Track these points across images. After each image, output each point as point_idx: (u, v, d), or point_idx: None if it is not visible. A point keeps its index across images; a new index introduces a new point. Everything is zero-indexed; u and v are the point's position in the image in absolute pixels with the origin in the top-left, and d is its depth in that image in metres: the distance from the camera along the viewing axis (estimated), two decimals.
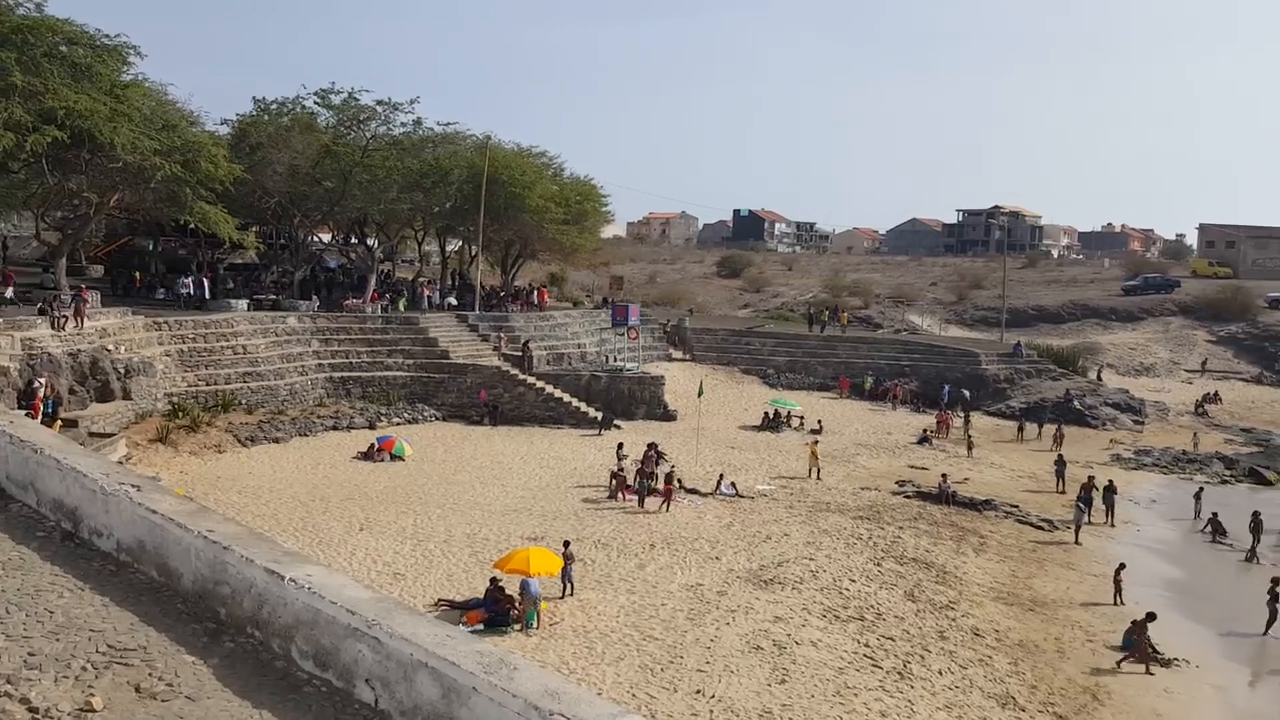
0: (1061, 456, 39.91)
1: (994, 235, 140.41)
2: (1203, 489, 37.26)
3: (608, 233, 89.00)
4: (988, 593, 25.26)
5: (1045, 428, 48.02)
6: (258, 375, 39.29)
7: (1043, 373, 57.66)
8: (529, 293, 60.78)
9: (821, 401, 53.10)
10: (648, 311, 64.21)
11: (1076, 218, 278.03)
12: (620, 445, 35.82)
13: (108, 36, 33.99)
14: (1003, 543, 30.23)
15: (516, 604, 20.30)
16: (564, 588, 21.94)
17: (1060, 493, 36.70)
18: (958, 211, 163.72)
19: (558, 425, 42.82)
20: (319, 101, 47.75)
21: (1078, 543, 30.76)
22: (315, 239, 55.78)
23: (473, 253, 60.36)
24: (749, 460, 38.68)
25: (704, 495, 32.26)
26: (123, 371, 31.93)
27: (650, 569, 24.40)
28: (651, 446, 35.58)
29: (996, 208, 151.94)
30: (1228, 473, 43.67)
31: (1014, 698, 19.01)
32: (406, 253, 72.84)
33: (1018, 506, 34.33)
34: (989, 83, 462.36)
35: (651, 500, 30.48)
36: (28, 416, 19.50)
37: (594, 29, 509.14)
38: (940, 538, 29.66)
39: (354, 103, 47.78)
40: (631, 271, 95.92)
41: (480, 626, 19.55)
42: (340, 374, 42.91)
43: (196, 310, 41.49)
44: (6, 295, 35.06)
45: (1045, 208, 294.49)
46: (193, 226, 42.07)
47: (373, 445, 35.21)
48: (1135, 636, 21.30)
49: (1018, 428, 48.30)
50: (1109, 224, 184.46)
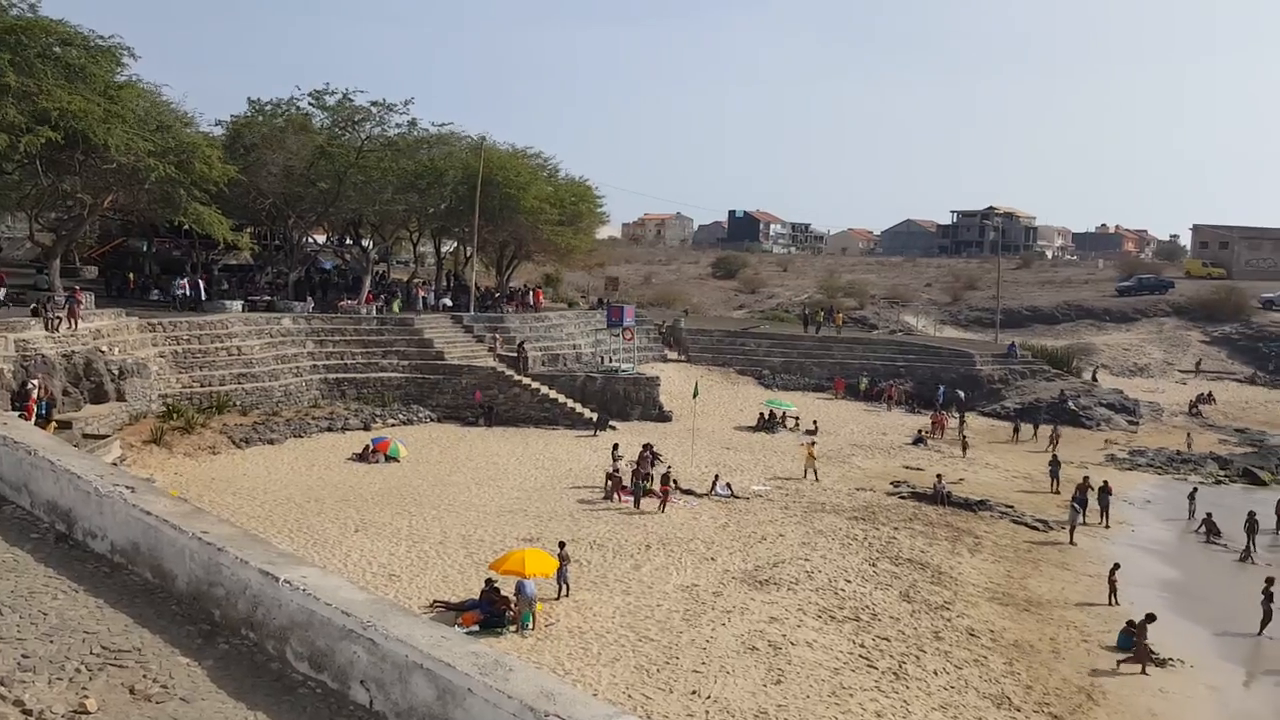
0: (1056, 457, 39.98)
1: (988, 236, 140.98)
2: (1197, 489, 37.38)
3: (603, 234, 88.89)
4: (983, 593, 25.30)
5: (1041, 428, 48.12)
6: (252, 376, 39.23)
7: (1037, 373, 57.82)
8: (524, 294, 60.71)
9: (817, 402, 53.14)
10: (643, 312, 64.22)
11: (1071, 219, 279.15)
12: (615, 446, 35.82)
13: (102, 38, 33.91)
14: (998, 543, 30.28)
15: (512, 605, 20.29)
16: (559, 589, 21.95)
17: (1055, 493, 36.76)
18: (952, 212, 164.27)
19: (553, 426, 42.81)
20: (313, 102, 47.70)
21: (1072, 543, 30.82)
22: (310, 240, 55.71)
23: (468, 254, 60.32)
24: (744, 461, 38.70)
25: (699, 496, 32.26)
26: (117, 373, 31.86)
27: (646, 570, 24.40)
28: (647, 447, 35.60)
29: (991, 209, 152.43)
30: (1222, 473, 43.76)
31: (1009, 698, 19.04)
32: (401, 254, 72.82)
33: (1013, 507, 34.38)
34: (984, 84, 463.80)
35: (647, 501, 30.49)
36: (21, 418, 19.44)
37: (589, 30, 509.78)
38: (935, 538, 29.69)
39: (348, 104, 47.72)
40: (627, 272, 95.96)
41: (475, 628, 19.55)
42: (335, 375, 42.86)
43: (191, 312, 41.41)
44: None
45: (1039, 209, 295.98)
46: (187, 227, 41.97)
47: (368, 446, 35.18)
48: (1136, 637, 21.33)
49: (1013, 428, 48.36)
50: (1103, 225, 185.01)
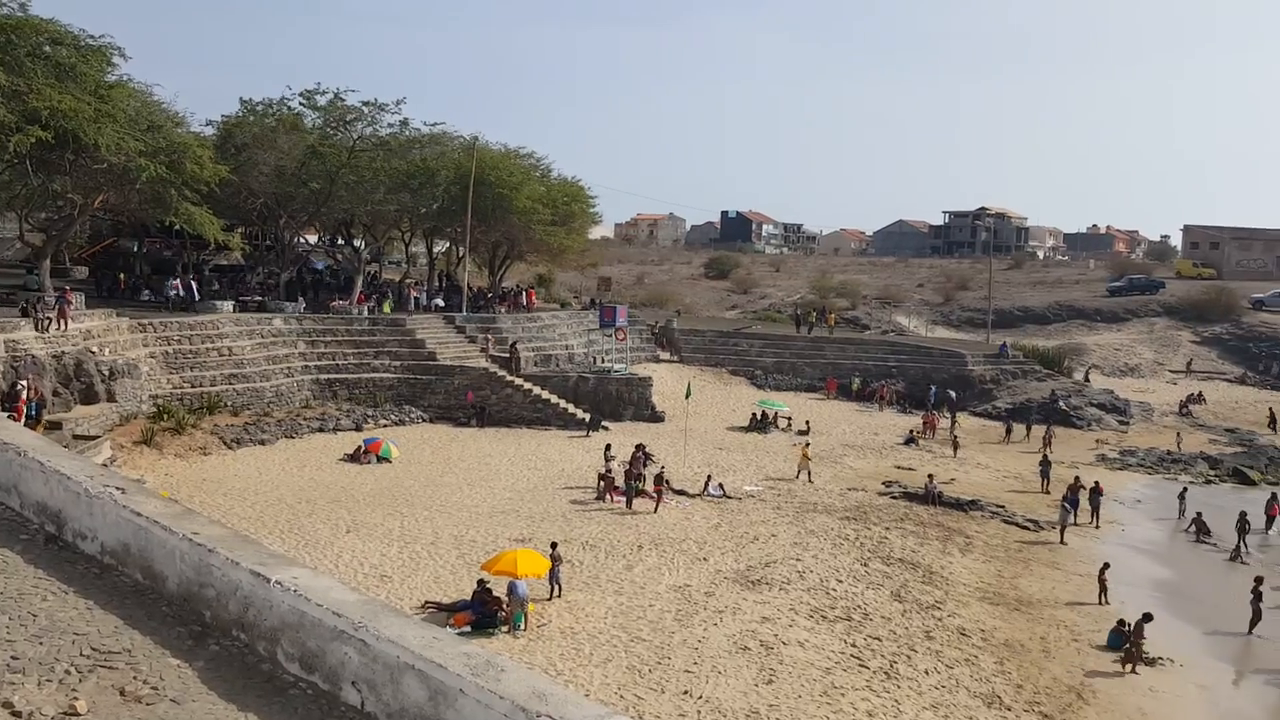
0: (1046, 457, 40.11)
1: (980, 237, 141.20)
2: (1187, 489, 37.53)
3: (595, 234, 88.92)
4: (974, 593, 25.37)
5: (1034, 429, 48.22)
6: (243, 377, 39.11)
7: (1028, 373, 58.00)
8: (516, 294, 60.66)
9: (809, 402, 53.21)
10: (635, 313, 64.15)
11: (1062, 219, 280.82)
12: (608, 446, 35.77)
13: (92, 37, 33.80)
14: (989, 543, 30.36)
15: (504, 606, 20.28)
16: (551, 589, 21.94)
17: (1045, 493, 36.88)
18: (944, 213, 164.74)
19: (545, 427, 42.79)
20: (304, 102, 47.58)
21: (1063, 543, 30.92)
22: (301, 240, 55.56)
23: (460, 254, 60.24)
24: (736, 461, 38.73)
25: (692, 496, 32.28)
26: (107, 373, 31.73)
27: (638, 570, 24.41)
28: (639, 448, 35.59)
29: (983, 209, 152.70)
30: (1212, 472, 43.96)
31: (1000, 697, 19.10)
32: (394, 254, 72.64)
33: (1003, 507, 34.49)
34: (975, 85, 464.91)
35: (640, 501, 30.49)
36: (11, 419, 19.36)
37: (582, 31, 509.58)
38: (926, 538, 29.77)
39: (340, 103, 47.62)
40: (619, 273, 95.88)
41: (467, 628, 19.53)
42: (327, 376, 42.76)
43: (183, 312, 41.28)
44: None
45: (1031, 209, 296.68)
46: (178, 228, 41.85)
47: (359, 447, 35.12)
48: (1132, 635, 21.36)
49: (1005, 429, 48.48)
50: (1094, 225, 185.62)
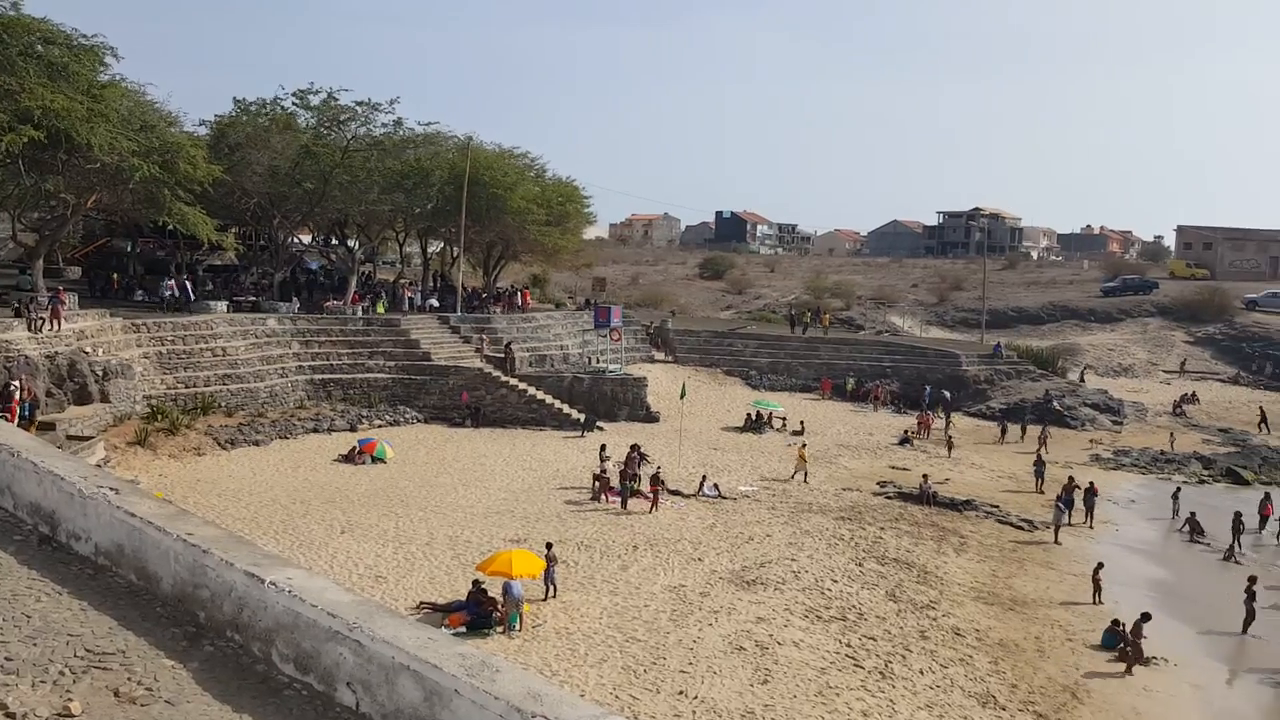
0: (1041, 457, 40.19)
1: (974, 237, 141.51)
2: (1180, 489, 37.64)
3: (590, 234, 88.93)
4: (968, 592, 25.41)
5: (1029, 429, 48.29)
6: (237, 377, 39.04)
7: (1022, 374, 58.14)
8: (511, 294, 60.64)
9: (804, 403, 53.26)
10: (630, 313, 64.21)
11: (1056, 219, 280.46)
12: (603, 447, 35.78)
13: (84, 36, 33.67)
14: (983, 543, 30.42)
15: (499, 606, 20.26)
16: (546, 589, 21.93)
17: (1039, 493, 36.96)
18: (938, 213, 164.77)
19: (540, 427, 42.77)
20: (297, 102, 47.45)
21: (1057, 542, 30.99)
22: (295, 240, 55.45)
23: (454, 254, 60.17)
24: (731, 461, 38.75)
25: (686, 496, 32.29)
26: (101, 374, 31.65)
27: (633, 570, 24.40)
28: (634, 448, 35.56)
29: (976, 210, 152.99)
30: (1205, 472, 44.08)
31: (994, 696, 19.13)
32: (388, 254, 72.56)
33: (998, 507, 34.54)
34: (969, 85, 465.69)
35: (635, 502, 30.49)
36: (3, 419, 19.32)
37: (576, 31, 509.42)
38: (921, 538, 29.81)
39: (333, 103, 47.51)
40: (614, 273, 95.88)
41: (462, 629, 19.51)
42: (321, 376, 42.69)
43: (177, 312, 41.18)
44: None
45: (1025, 209, 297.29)
46: (171, 228, 41.74)
47: (354, 448, 35.07)
48: (1131, 635, 21.38)
49: (1000, 429, 48.56)
50: (1088, 226, 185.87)
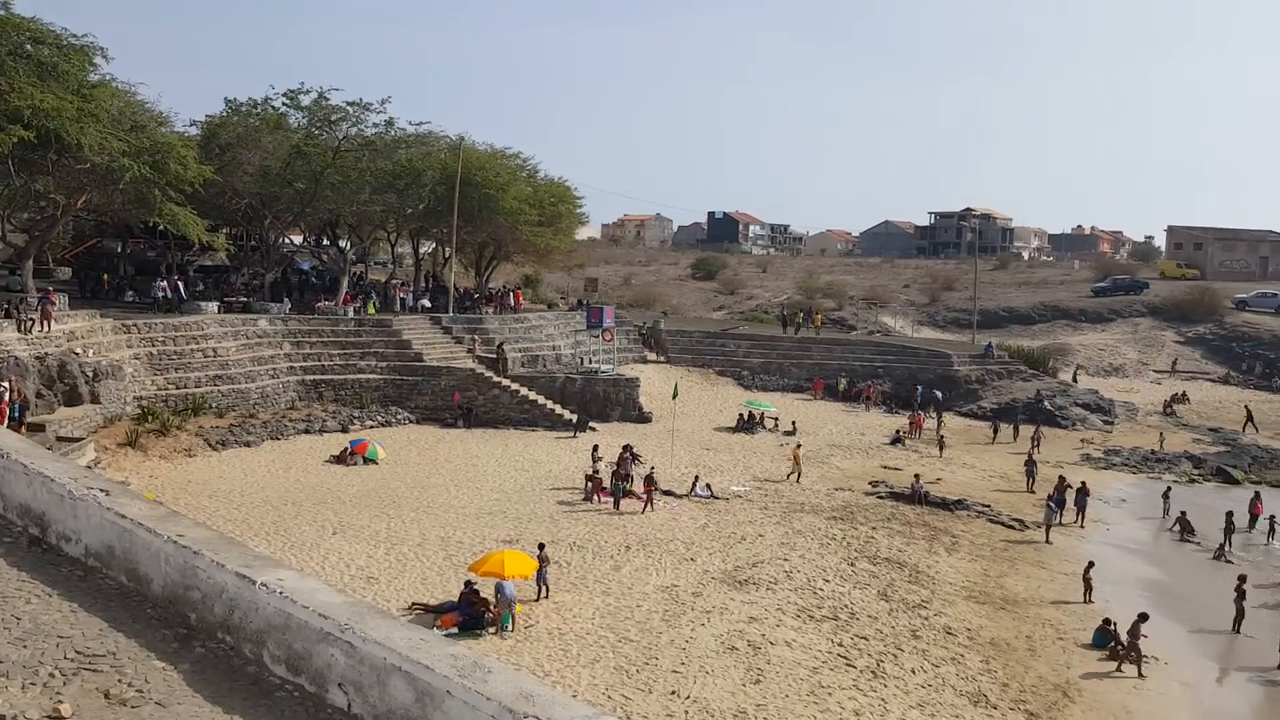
0: (1032, 457, 40.30)
1: (965, 237, 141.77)
2: (1171, 488, 37.77)
3: (582, 235, 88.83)
4: (960, 592, 25.47)
5: (1021, 429, 48.36)
6: (228, 378, 38.93)
7: (1014, 373, 58.29)
8: (503, 295, 60.59)
9: (796, 403, 53.31)
10: (622, 313, 64.16)
11: (1047, 220, 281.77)
12: (595, 447, 35.79)
13: (74, 36, 33.58)
14: (974, 542, 30.49)
15: (491, 607, 20.25)
16: (539, 590, 21.92)
17: (1030, 492, 37.06)
18: (930, 214, 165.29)
19: (532, 427, 42.74)
20: (288, 102, 47.33)
21: (1048, 542, 31.07)
22: (286, 241, 55.33)
23: (446, 255, 60.10)
24: (724, 462, 38.78)
25: (679, 497, 32.31)
26: (91, 375, 31.53)
27: (625, 571, 24.40)
28: (626, 449, 35.55)
29: (968, 210, 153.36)
30: (1196, 472, 44.26)
31: (986, 695, 19.18)
32: (379, 254, 72.45)
33: (989, 506, 34.63)
34: (961, 85, 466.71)
35: (627, 502, 30.49)
36: None
37: (569, 32, 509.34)
38: (913, 537, 29.87)
39: (324, 103, 47.39)
40: (606, 274, 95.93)
41: (455, 630, 19.49)
42: (312, 377, 42.59)
43: (168, 313, 41.04)
44: None
45: (1016, 210, 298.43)
46: (162, 228, 41.62)
47: (346, 449, 35.00)
48: (1130, 636, 21.44)
49: (992, 429, 48.65)
50: (1079, 226, 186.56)
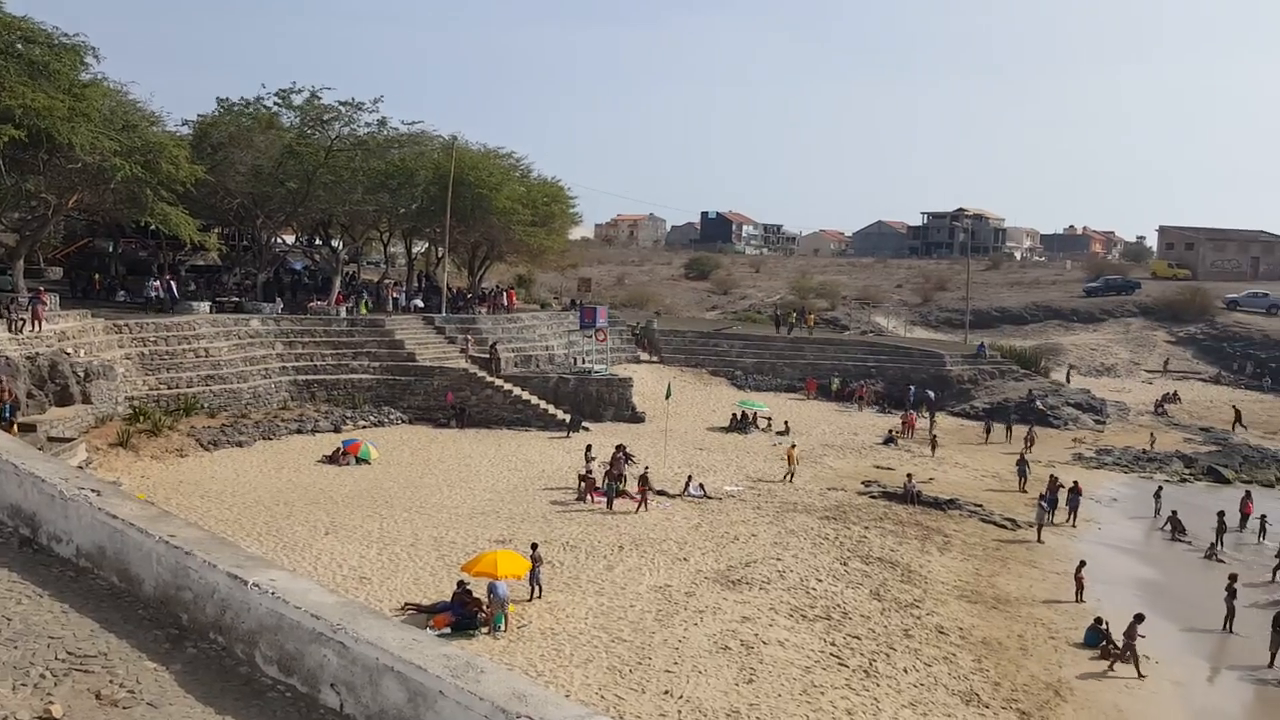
0: (1024, 456, 40.40)
1: (958, 237, 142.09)
2: (1162, 488, 37.91)
3: (575, 234, 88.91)
4: (952, 591, 25.52)
5: (1015, 429, 48.47)
6: (220, 378, 38.85)
7: (1006, 373, 58.47)
8: (496, 295, 60.56)
9: (789, 403, 53.37)
10: (616, 313, 64.19)
11: (1039, 220, 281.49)
12: (589, 447, 35.77)
13: (66, 35, 33.44)
14: (966, 541, 30.56)
15: (484, 607, 20.23)
16: (532, 590, 21.91)
17: (1023, 491, 37.15)
18: (922, 214, 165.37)
19: (525, 427, 42.72)
20: (279, 102, 47.18)
21: (1040, 541, 31.15)
22: (279, 240, 55.20)
23: (439, 254, 60.04)
24: (717, 461, 38.81)
25: (672, 496, 32.32)
26: (82, 375, 31.43)
27: (618, 571, 24.41)
28: (620, 448, 35.54)
29: (961, 210, 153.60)
30: (1187, 471, 44.38)
31: (978, 694, 19.23)
32: (372, 254, 72.34)
33: (981, 505, 34.71)
34: (954, 86, 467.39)
35: (620, 502, 30.48)
36: None
37: (561, 32, 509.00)
38: (905, 537, 29.93)
39: (316, 102, 47.27)
40: (599, 273, 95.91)
41: (447, 630, 19.46)
42: (305, 377, 42.52)
43: (159, 313, 40.92)
44: None
45: (1008, 210, 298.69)
46: (154, 228, 41.49)
47: (338, 448, 34.95)
48: (1126, 637, 21.47)
49: (985, 429, 48.75)
50: (1071, 226, 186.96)
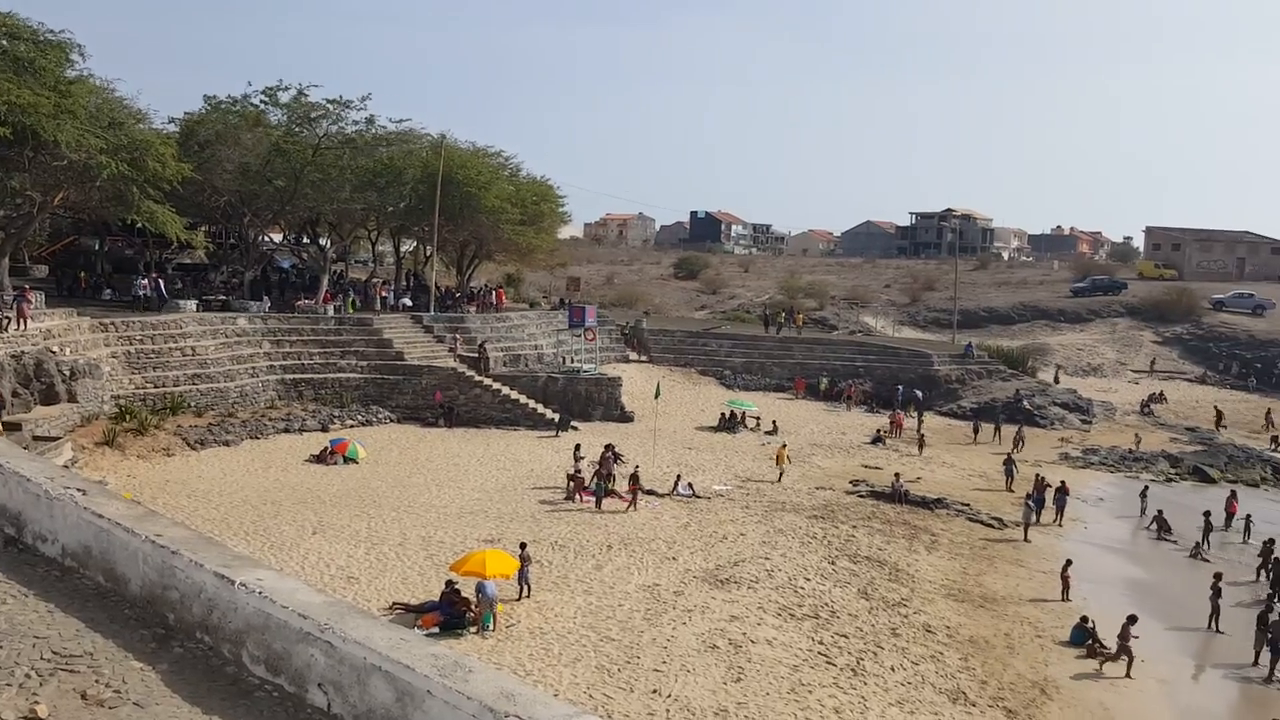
0: (1011, 456, 40.57)
1: (946, 238, 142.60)
2: (1148, 487, 38.13)
3: (565, 234, 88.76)
4: (939, 590, 25.61)
5: (1003, 429, 48.60)
6: (207, 377, 38.66)
7: (993, 373, 58.70)
8: (485, 294, 60.44)
9: (777, 402, 53.46)
10: (605, 313, 64.09)
11: (1027, 220, 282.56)
12: (577, 447, 35.75)
13: (52, 32, 33.23)
14: (954, 540, 30.66)
15: (472, 606, 20.21)
16: (520, 589, 21.89)
17: (1010, 491, 37.31)
18: (911, 214, 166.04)
19: (514, 427, 42.67)
20: (266, 100, 46.98)
21: (1027, 540, 31.28)
22: (266, 239, 54.98)
23: (428, 253, 59.89)
24: (706, 461, 38.84)
25: (661, 496, 32.33)
26: (68, 373, 31.26)
27: (607, 570, 24.41)
28: (609, 448, 35.54)
29: (949, 210, 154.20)
30: (1173, 471, 44.65)
31: (965, 693, 19.30)
32: (360, 253, 72.12)
33: (968, 505, 34.83)
34: (942, 86, 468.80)
35: (609, 501, 30.48)
36: None
37: (553, 32, 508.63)
38: (893, 536, 30.02)
39: (303, 99, 47.05)
40: (588, 273, 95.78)
41: (436, 629, 19.45)
42: (292, 376, 42.35)
43: (146, 311, 40.71)
44: None
45: (996, 210, 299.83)
46: (140, 226, 41.29)
47: (326, 448, 34.82)
48: (1120, 639, 21.55)
49: (973, 428, 48.91)
50: (1058, 227, 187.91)
